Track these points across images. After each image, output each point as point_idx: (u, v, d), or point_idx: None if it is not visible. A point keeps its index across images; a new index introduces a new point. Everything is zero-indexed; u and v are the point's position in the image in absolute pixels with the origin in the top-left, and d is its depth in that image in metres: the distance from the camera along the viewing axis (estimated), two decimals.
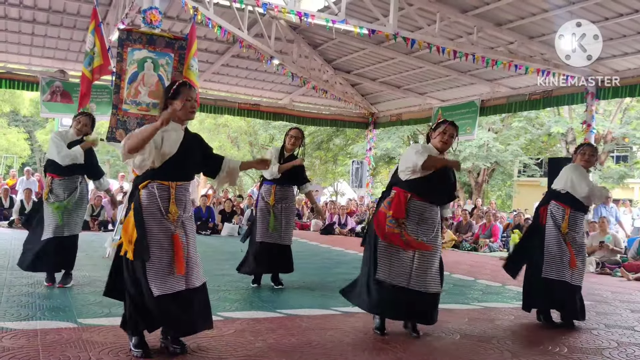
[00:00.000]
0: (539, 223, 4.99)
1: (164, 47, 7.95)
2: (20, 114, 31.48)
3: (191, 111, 3.45)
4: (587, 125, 12.04)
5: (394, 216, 4.01)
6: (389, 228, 4.01)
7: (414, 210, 4.05)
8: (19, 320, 3.99)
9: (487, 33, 11.12)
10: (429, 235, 4.06)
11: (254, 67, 15.55)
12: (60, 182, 5.43)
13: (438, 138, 4.15)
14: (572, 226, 4.83)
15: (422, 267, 4.02)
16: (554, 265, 4.78)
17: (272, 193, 5.96)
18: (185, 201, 3.43)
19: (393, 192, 4.12)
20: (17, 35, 13.38)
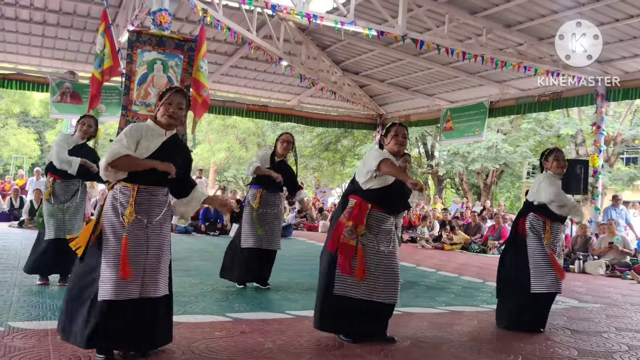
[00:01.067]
0: (518, 235, 4.81)
1: (174, 49, 7.98)
2: (30, 114, 31.69)
3: (168, 115, 3.29)
4: (596, 127, 11.97)
5: (353, 225, 3.89)
6: (344, 239, 3.88)
7: (373, 221, 3.93)
8: (29, 320, 4.01)
9: (496, 34, 11.09)
10: (387, 245, 3.96)
11: (263, 68, 15.57)
12: (61, 184, 5.46)
13: (392, 142, 4.05)
14: (553, 237, 4.70)
15: (385, 278, 3.88)
16: (542, 278, 4.58)
17: (257, 197, 5.93)
18: (151, 206, 3.25)
19: (352, 201, 3.99)
20: (27, 37, 13.47)
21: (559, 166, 4.78)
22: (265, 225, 5.91)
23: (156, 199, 3.29)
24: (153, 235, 3.26)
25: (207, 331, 3.99)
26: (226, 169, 31.79)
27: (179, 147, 3.42)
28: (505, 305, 4.79)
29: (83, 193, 5.62)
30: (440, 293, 6.40)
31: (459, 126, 15.12)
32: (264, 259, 5.98)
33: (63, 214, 5.41)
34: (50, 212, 5.40)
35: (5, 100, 28.79)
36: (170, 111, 3.30)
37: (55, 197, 5.43)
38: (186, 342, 3.65)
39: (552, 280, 4.58)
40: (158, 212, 3.29)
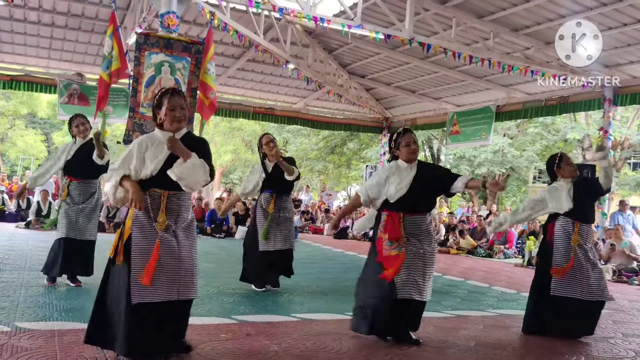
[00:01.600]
0: (546, 242, 4.81)
1: (181, 51, 8.01)
2: (37, 116, 31.86)
3: (177, 120, 3.26)
4: (603, 132, 11.94)
5: (390, 239, 4.02)
6: (385, 251, 4.03)
7: (411, 227, 4.07)
8: (36, 321, 4.02)
9: (503, 38, 11.08)
10: (431, 244, 4.13)
11: (269, 71, 15.61)
12: (77, 185, 5.51)
13: (405, 151, 4.13)
14: (583, 239, 4.65)
15: (428, 276, 4.08)
16: (563, 281, 4.55)
17: (271, 202, 5.96)
18: (178, 211, 3.29)
19: (384, 215, 4.12)
20: (35, 39, 13.55)
21: (574, 170, 4.80)
22: (280, 228, 5.94)
23: (184, 203, 3.33)
24: (183, 238, 3.29)
25: (213, 333, 4.00)
26: (232, 172, 31.85)
27: (192, 145, 3.31)
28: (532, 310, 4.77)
29: (99, 196, 5.66)
30: (446, 297, 6.38)
31: (465, 130, 15.09)
32: (281, 260, 6.01)
33: (77, 216, 5.44)
34: (64, 212, 5.44)
35: (13, 101, 28.95)
36: (178, 116, 3.27)
37: (71, 197, 5.47)
38: (192, 344, 3.65)
39: (574, 285, 4.53)
40: (186, 216, 3.34)
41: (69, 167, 5.52)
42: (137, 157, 3.22)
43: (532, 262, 10.60)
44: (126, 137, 7.83)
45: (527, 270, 10.01)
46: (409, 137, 4.15)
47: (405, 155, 4.14)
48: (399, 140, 4.16)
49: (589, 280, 4.55)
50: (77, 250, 5.44)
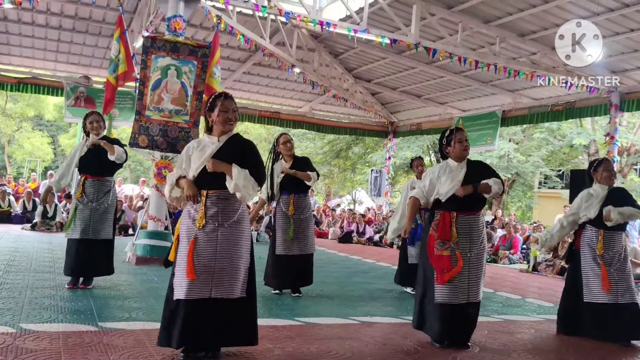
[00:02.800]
0: (574, 249, 5.00)
1: (188, 55, 8.04)
2: (44, 118, 31.99)
3: (229, 122, 3.48)
4: (610, 138, 11.89)
5: (440, 239, 4.09)
6: (437, 251, 4.08)
7: (462, 227, 4.13)
8: (41, 323, 4.04)
9: (509, 43, 11.07)
10: (479, 246, 4.17)
11: (275, 75, 15.64)
12: (92, 183, 5.51)
13: (458, 147, 4.23)
14: (607, 247, 4.73)
15: (475, 277, 4.14)
16: (592, 288, 4.72)
17: (290, 203, 5.97)
18: (219, 209, 3.39)
19: (438, 214, 4.20)
20: (43, 42, 13.62)
21: (610, 176, 4.84)
22: (302, 229, 5.97)
23: (227, 201, 3.42)
24: (224, 237, 3.37)
25: None
26: None
27: (238, 148, 3.48)
28: (567, 313, 4.94)
29: (114, 195, 5.67)
30: None
31: (470, 135, 14.82)
32: (301, 264, 6.01)
33: (91, 215, 5.44)
34: (80, 212, 5.44)
35: (20, 104, 29.09)
36: (230, 118, 3.47)
37: (85, 195, 5.47)
38: None
39: (600, 291, 4.67)
40: (231, 215, 3.42)
41: (83, 164, 5.53)
42: (186, 159, 3.50)
43: (537, 268, 10.58)
44: (132, 140, 7.85)
45: (532, 276, 9.97)
46: (462, 135, 4.26)
47: (459, 151, 4.22)
48: (451, 137, 4.25)
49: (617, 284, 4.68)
50: (92, 250, 5.44)
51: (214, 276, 3.32)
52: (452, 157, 4.28)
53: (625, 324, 4.63)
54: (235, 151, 3.44)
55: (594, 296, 4.69)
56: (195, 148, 3.50)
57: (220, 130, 3.49)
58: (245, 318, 3.47)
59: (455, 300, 4.05)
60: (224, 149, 3.45)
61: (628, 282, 4.72)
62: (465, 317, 4.12)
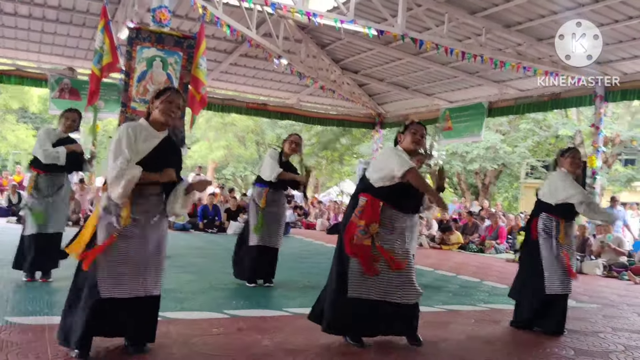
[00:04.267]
0: (531, 239, 4.77)
1: (173, 46, 7.96)
2: (29, 110, 31.62)
3: (168, 113, 3.28)
4: (595, 128, 11.99)
5: (366, 224, 3.75)
6: (357, 239, 3.74)
7: (387, 219, 3.81)
8: (26, 316, 4.01)
9: (495, 34, 11.10)
10: (402, 245, 3.82)
11: (262, 66, 15.56)
12: (45, 178, 5.37)
13: (409, 139, 3.96)
14: (568, 237, 4.68)
15: (400, 279, 3.75)
16: (555, 279, 4.56)
17: (263, 196, 5.94)
18: (148, 206, 3.25)
19: (363, 200, 3.84)
20: (26, 33, 13.44)
21: (573, 164, 4.72)
22: (270, 224, 5.93)
23: (151, 198, 3.28)
24: (151, 234, 3.26)
25: (205, 328, 4.00)
26: (224, 167, 31.77)
27: (172, 147, 3.40)
28: (522, 307, 4.76)
29: (67, 188, 5.56)
30: (437, 292, 6.41)
31: (457, 126, 15.12)
32: (269, 257, 6.01)
33: (46, 209, 5.33)
34: (33, 206, 5.33)
35: (4, 95, 28.71)
36: (171, 110, 3.29)
37: (38, 191, 5.34)
38: (183, 338, 3.65)
39: (564, 281, 4.58)
40: (155, 211, 3.30)
41: (38, 160, 5.37)
42: (131, 145, 3.17)
43: None
44: None
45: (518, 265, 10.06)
46: (419, 128, 4.01)
47: (409, 144, 3.95)
48: (409, 127, 4.01)
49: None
50: (47, 244, 5.31)
51: (146, 273, 3.22)
52: (403, 147, 3.99)
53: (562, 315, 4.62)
54: (170, 152, 3.35)
55: (556, 288, 4.54)
56: (140, 135, 3.22)
57: (158, 120, 3.29)
58: (154, 315, 3.35)
59: (368, 296, 3.72)
60: (162, 147, 3.29)
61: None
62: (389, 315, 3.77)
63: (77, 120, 5.52)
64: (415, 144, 3.97)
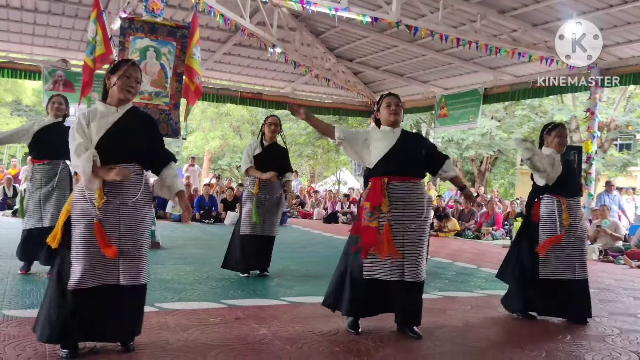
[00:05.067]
0: (531, 221, 4.67)
1: (166, 36, 7.93)
2: (22, 103, 31.51)
3: (126, 89, 3.12)
4: (590, 113, 11.99)
5: (371, 205, 3.71)
6: (364, 222, 3.73)
7: (395, 194, 3.73)
8: (23, 309, 4.01)
9: (490, 20, 11.05)
10: (416, 220, 3.75)
11: (256, 55, 15.48)
12: (39, 167, 5.30)
13: (385, 112, 3.88)
14: (573, 217, 4.51)
15: (413, 255, 3.73)
16: (550, 263, 4.47)
17: (256, 183, 5.89)
18: (120, 187, 3.04)
19: (369, 184, 3.84)
20: (19, 25, 13.33)
21: (560, 144, 4.61)
22: (265, 211, 5.88)
23: (126, 182, 3.06)
24: (127, 218, 3.06)
25: (202, 318, 4.01)
26: (220, 157, 31.73)
27: (138, 121, 3.20)
28: (516, 291, 4.66)
29: (65, 178, 5.37)
30: (434, 279, 6.42)
31: (453, 113, 15.11)
32: (263, 246, 5.96)
33: (41, 202, 5.25)
34: (28, 199, 5.31)
35: None
36: (130, 85, 3.14)
37: (33, 181, 5.30)
38: (181, 328, 3.66)
39: (561, 266, 4.46)
40: (133, 192, 3.09)
41: (32, 146, 5.34)
42: (82, 129, 3.03)
43: None
44: None
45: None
46: (391, 99, 3.91)
47: (385, 116, 3.87)
48: (381, 102, 3.92)
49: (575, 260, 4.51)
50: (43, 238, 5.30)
51: (119, 261, 3.05)
52: (383, 123, 3.94)
53: (580, 302, 4.50)
54: (137, 123, 3.17)
55: (550, 272, 4.46)
56: (92, 120, 3.06)
57: (117, 98, 3.13)
58: (139, 307, 3.20)
59: (381, 276, 3.70)
60: (124, 120, 3.12)
61: (584, 257, 4.57)
62: (401, 297, 3.75)
63: (63, 104, 5.45)
64: (394, 115, 3.89)
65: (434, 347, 3.62)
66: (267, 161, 5.90)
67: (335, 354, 3.35)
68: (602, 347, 3.76)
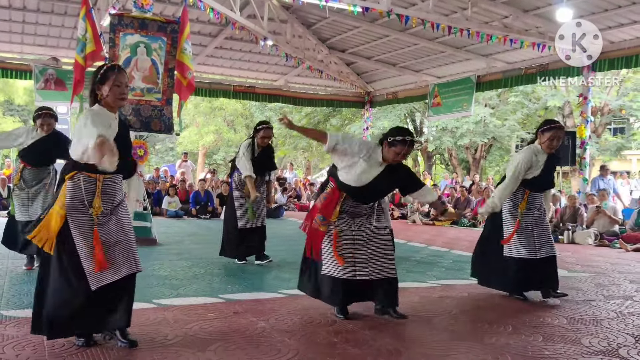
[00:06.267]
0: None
1: (157, 31, 7.89)
2: (14, 103, 31.32)
3: (120, 98, 3.18)
4: (583, 98, 12.01)
5: (322, 213, 3.94)
6: (315, 224, 3.95)
7: (347, 207, 3.98)
8: (21, 309, 4.00)
9: (481, 7, 11.03)
10: (366, 227, 3.97)
11: (248, 48, 15.44)
12: (31, 172, 5.59)
13: (391, 155, 3.84)
14: (530, 205, 4.72)
15: (367, 256, 3.91)
16: (512, 243, 4.69)
17: (247, 188, 6.19)
18: (113, 194, 3.23)
19: (330, 186, 4.03)
20: (7, 24, 13.26)
21: (549, 146, 4.62)
22: (256, 205, 6.28)
23: (117, 185, 3.28)
24: (118, 218, 3.25)
25: (201, 313, 4.01)
26: (215, 152, 31.68)
27: (125, 127, 3.35)
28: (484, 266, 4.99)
29: (53, 180, 5.61)
30: (431, 267, 6.46)
31: (446, 101, 15.12)
32: (258, 234, 6.36)
33: (29, 198, 5.54)
34: (17, 196, 5.56)
35: None
36: (122, 92, 3.19)
37: (25, 182, 5.57)
38: (180, 324, 3.67)
39: (519, 246, 4.67)
40: (119, 197, 3.30)
41: (26, 154, 5.57)
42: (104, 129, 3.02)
43: None
44: None
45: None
46: (406, 150, 3.82)
47: (390, 157, 3.85)
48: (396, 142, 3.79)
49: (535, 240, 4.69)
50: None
51: (122, 255, 3.19)
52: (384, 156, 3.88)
53: (546, 276, 4.69)
54: (126, 129, 3.35)
55: (513, 251, 4.69)
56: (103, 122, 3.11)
57: (112, 106, 3.20)
58: (132, 294, 3.30)
59: (339, 275, 3.88)
60: (120, 127, 3.24)
61: (545, 237, 4.71)
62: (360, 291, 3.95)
63: (52, 124, 5.55)
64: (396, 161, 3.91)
65: (431, 335, 3.64)
66: (259, 165, 6.23)
67: (333, 344, 3.37)
68: (598, 330, 3.78)
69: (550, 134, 4.61)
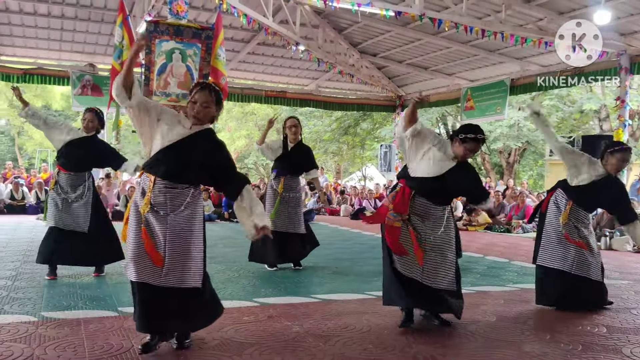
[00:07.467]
0: (541, 212, 4.84)
1: (191, 38, 7.99)
2: (52, 108, 32.08)
3: (194, 115, 3.22)
4: (620, 101, 11.75)
5: (395, 210, 3.92)
6: (388, 220, 3.92)
7: (418, 207, 3.94)
8: (61, 310, 4.10)
9: (515, 10, 10.89)
10: (435, 231, 3.93)
11: (280, 54, 15.54)
12: (65, 176, 5.49)
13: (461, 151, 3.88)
14: (574, 219, 4.58)
15: (432, 264, 3.88)
16: (548, 252, 4.63)
17: (281, 182, 6.20)
18: (164, 202, 3.20)
19: (399, 186, 4.05)
20: (46, 31, 13.61)
21: (615, 168, 4.51)
22: (289, 208, 6.18)
23: (174, 192, 3.22)
24: (172, 227, 3.20)
25: (236, 316, 4.04)
26: (246, 156, 31.93)
27: (205, 143, 3.27)
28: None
29: (90, 187, 5.56)
30: (465, 273, 6.34)
31: (479, 105, 14.95)
32: (289, 242, 6.17)
33: (63, 205, 5.42)
34: (52, 200, 5.47)
35: (28, 94, 29.08)
36: (195, 111, 3.22)
37: (60, 187, 5.48)
38: (216, 327, 3.69)
39: (558, 256, 4.58)
40: (178, 205, 3.22)
41: (61, 155, 5.49)
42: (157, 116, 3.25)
43: None
44: None
45: None
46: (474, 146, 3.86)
47: (460, 152, 3.87)
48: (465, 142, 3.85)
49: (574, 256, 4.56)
50: (67, 240, 5.39)
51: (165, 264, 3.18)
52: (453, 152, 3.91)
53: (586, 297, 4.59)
54: (204, 146, 3.25)
55: (544, 261, 4.64)
56: (169, 122, 3.25)
57: (190, 120, 3.27)
58: (198, 305, 3.33)
59: (408, 274, 3.86)
60: (192, 140, 3.22)
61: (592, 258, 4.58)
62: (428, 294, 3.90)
63: (93, 121, 5.49)
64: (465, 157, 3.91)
65: (467, 342, 3.60)
66: (294, 161, 6.18)
67: (368, 350, 3.35)
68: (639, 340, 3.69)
69: (621, 155, 4.50)
